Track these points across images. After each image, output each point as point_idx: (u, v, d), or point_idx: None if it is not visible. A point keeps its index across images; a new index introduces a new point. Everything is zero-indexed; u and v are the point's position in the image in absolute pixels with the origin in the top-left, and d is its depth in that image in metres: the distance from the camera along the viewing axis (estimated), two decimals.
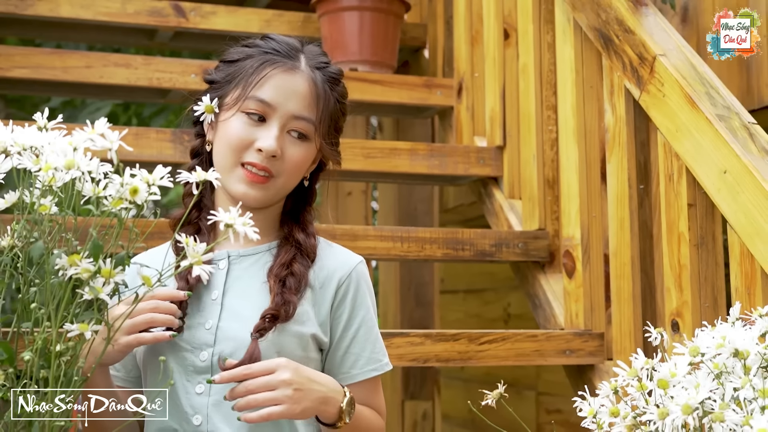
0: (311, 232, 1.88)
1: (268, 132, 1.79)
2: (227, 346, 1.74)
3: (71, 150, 1.34)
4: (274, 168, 1.80)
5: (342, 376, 1.83)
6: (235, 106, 1.79)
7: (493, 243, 2.86)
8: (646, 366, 1.54)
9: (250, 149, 1.78)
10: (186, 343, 1.76)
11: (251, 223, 1.39)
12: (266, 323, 1.73)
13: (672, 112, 2.29)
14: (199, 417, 1.74)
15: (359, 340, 1.85)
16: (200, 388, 1.75)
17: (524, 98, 3.03)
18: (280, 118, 1.80)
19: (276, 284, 1.77)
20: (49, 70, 3.12)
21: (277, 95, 1.80)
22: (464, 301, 6.48)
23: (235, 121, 1.79)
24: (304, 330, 1.79)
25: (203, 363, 1.75)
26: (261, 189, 1.80)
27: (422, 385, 4.15)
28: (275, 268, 1.80)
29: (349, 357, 1.84)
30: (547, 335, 2.59)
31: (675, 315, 2.27)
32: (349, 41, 3.56)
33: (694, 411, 1.39)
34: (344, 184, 4.37)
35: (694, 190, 2.25)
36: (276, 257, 1.83)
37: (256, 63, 1.82)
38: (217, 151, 1.82)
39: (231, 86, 1.82)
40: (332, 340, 1.84)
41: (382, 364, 1.87)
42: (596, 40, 2.62)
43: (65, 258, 1.36)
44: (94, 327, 1.39)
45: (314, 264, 1.85)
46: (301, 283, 1.80)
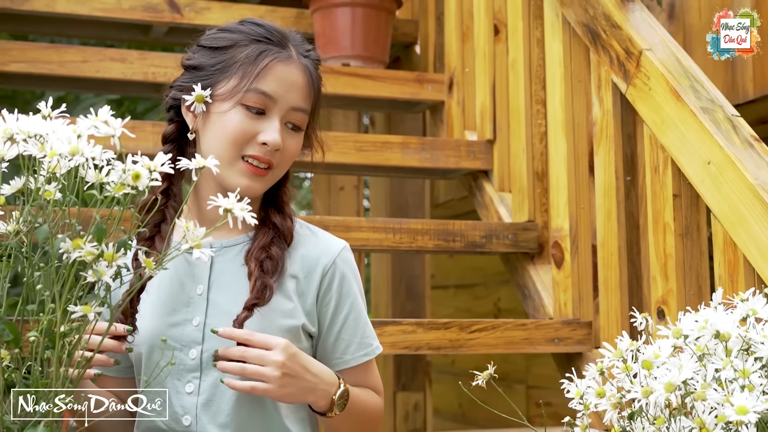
0: (288, 213, 1.86)
1: (271, 125, 1.77)
2: (215, 343, 1.72)
3: (75, 137, 1.39)
4: (274, 160, 1.79)
5: (335, 362, 1.83)
6: (233, 98, 1.76)
7: (483, 234, 2.91)
8: (630, 348, 1.58)
9: (252, 142, 1.77)
10: (175, 341, 1.76)
11: (249, 209, 1.43)
12: (246, 314, 1.71)
13: (658, 105, 2.35)
14: (188, 417, 1.74)
15: (348, 326, 1.84)
16: (190, 387, 1.75)
17: (514, 93, 3.08)
18: (280, 110, 1.79)
19: (255, 268, 1.76)
20: (45, 65, 3.16)
21: (278, 87, 1.78)
22: (455, 296, 6.53)
23: (235, 114, 1.76)
24: (292, 323, 1.78)
25: (192, 361, 1.75)
26: (261, 181, 1.79)
27: (414, 376, 4.19)
28: (254, 252, 1.78)
29: (340, 344, 1.83)
30: (536, 324, 2.64)
31: (661, 303, 2.32)
32: (341, 37, 3.61)
33: (677, 389, 1.44)
34: (336, 179, 4.42)
35: (679, 181, 2.31)
36: (253, 240, 1.81)
37: (252, 52, 1.78)
38: (210, 143, 1.79)
39: (224, 75, 1.78)
40: (321, 328, 1.83)
41: (373, 348, 1.87)
42: (584, 35, 2.67)
43: (69, 242, 1.40)
44: (97, 309, 1.43)
45: (296, 251, 1.84)
46: (278, 265, 1.78)
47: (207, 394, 1.74)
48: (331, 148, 3.07)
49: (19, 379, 1.46)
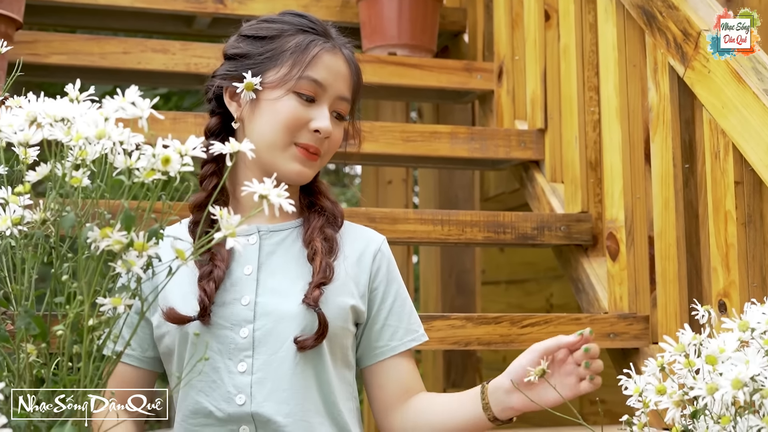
0: (334, 199, 1.90)
1: (321, 112, 1.81)
2: (268, 321, 1.74)
3: (102, 120, 1.32)
4: (323, 148, 1.82)
5: (381, 350, 1.85)
6: (285, 85, 1.79)
7: (534, 226, 2.82)
8: (693, 341, 1.49)
9: (304, 129, 1.80)
10: (224, 320, 1.75)
11: (286, 195, 1.36)
12: (319, 292, 1.74)
13: (718, 88, 2.24)
14: (242, 396, 1.72)
15: (395, 312, 1.86)
16: (242, 367, 1.74)
17: (566, 80, 2.98)
18: (329, 98, 1.82)
19: (319, 248, 1.79)
20: (86, 56, 3.11)
21: (327, 76, 1.81)
22: (506, 291, 6.43)
23: (288, 101, 1.79)
24: (346, 301, 1.80)
25: (244, 340, 1.74)
26: (313, 167, 1.83)
27: (464, 374, 4.11)
28: (312, 233, 1.82)
29: (387, 329, 1.85)
30: (590, 318, 2.54)
31: (722, 295, 2.21)
32: (387, 26, 3.53)
33: (744, 386, 1.34)
34: (384, 173, 4.33)
35: (741, 167, 2.20)
36: (307, 223, 1.84)
37: (301, 41, 1.82)
38: (260, 130, 1.81)
39: (273, 63, 1.81)
40: (369, 314, 1.85)
41: (419, 335, 1.89)
42: (639, 17, 2.57)
43: (97, 230, 1.33)
44: (128, 301, 1.36)
45: (344, 237, 1.87)
46: (333, 246, 1.82)
47: (261, 372, 1.73)
48: (377, 139, 3.00)
49: (48, 375, 1.40)
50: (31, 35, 3.09)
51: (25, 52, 2.99)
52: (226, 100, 1.86)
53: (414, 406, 1.85)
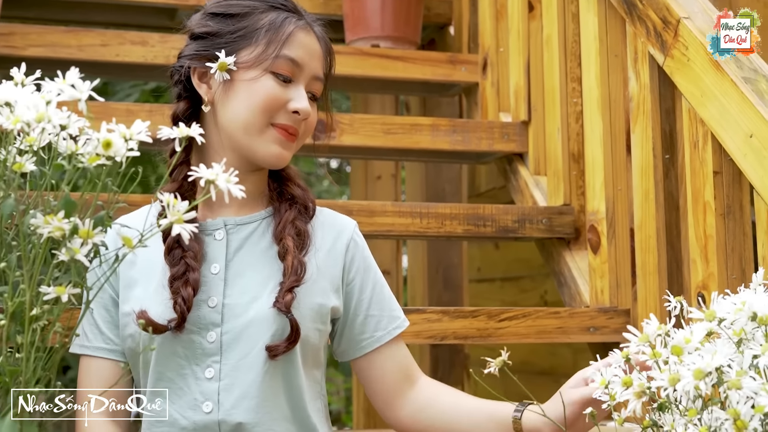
0: (304, 186, 1.80)
1: (299, 93, 1.72)
2: (236, 324, 1.65)
3: (43, 103, 1.28)
4: (300, 129, 1.74)
5: (367, 342, 1.78)
6: (261, 65, 1.69)
7: (516, 219, 2.77)
8: (659, 332, 1.44)
9: (282, 110, 1.71)
10: (191, 324, 1.64)
11: (235, 180, 1.31)
12: (291, 296, 1.64)
13: (697, 77, 2.19)
14: (209, 404, 1.64)
15: (376, 300, 1.79)
16: (210, 372, 1.64)
17: (549, 71, 2.94)
18: (305, 78, 1.74)
19: (290, 246, 1.69)
20: (64, 49, 3.06)
21: (303, 55, 1.73)
22: (501, 289, 6.39)
23: (266, 81, 1.69)
24: (319, 301, 1.71)
25: (211, 344, 1.64)
26: (290, 149, 1.74)
27: (451, 370, 4.06)
28: (284, 228, 1.72)
29: (370, 320, 1.78)
30: (570, 312, 2.50)
31: (701, 288, 2.17)
32: (370, 17, 3.49)
33: (707, 376, 1.30)
34: (373, 168, 4.28)
35: (720, 157, 2.15)
36: (278, 216, 1.74)
37: (275, 19, 1.72)
38: (235, 112, 1.70)
39: (247, 42, 1.71)
40: (348, 307, 1.77)
41: (401, 321, 1.82)
42: (620, 5, 2.52)
43: (40, 217, 1.29)
44: (72, 290, 1.32)
45: (315, 226, 1.78)
46: (305, 241, 1.73)
47: (229, 378, 1.64)
48: (357, 131, 2.96)
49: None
50: (7, 27, 3.04)
51: (2, 45, 2.95)
52: (195, 83, 1.74)
53: (433, 400, 1.78)
